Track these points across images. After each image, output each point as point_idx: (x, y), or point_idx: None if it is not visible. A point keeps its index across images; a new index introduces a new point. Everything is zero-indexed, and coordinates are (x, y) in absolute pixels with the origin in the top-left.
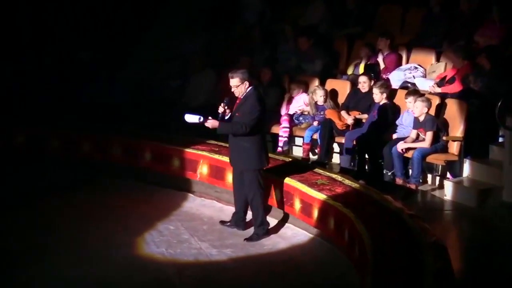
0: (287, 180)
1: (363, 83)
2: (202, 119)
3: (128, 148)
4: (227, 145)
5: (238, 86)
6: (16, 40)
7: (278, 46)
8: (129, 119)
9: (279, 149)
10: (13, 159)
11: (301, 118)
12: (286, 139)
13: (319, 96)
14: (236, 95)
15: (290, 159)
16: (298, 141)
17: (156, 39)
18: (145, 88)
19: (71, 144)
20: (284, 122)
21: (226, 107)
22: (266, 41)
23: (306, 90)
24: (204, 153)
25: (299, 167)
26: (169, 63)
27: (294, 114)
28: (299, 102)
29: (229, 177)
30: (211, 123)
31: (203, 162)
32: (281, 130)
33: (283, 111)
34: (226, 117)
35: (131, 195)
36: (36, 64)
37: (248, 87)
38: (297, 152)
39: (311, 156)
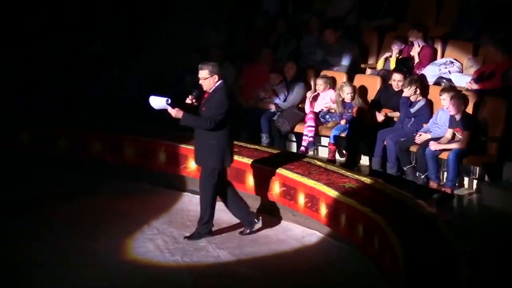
0: (313, 184)
1: (398, 82)
2: (169, 101)
3: (141, 148)
4: (248, 145)
5: (207, 78)
6: (24, 30)
7: (302, 39)
8: (142, 115)
9: (302, 148)
10: (19, 159)
11: (327, 117)
12: (311, 139)
13: (346, 93)
14: (204, 88)
15: (316, 160)
16: (324, 141)
17: (173, 30)
18: (160, 82)
19: (80, 144)
20: (309, 121)
21: (194, 100)
22: (290, 34)
23: (333, 87)
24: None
25: (325, 170)
26: (186, 56)
27: (319, 112)
28: (326, 99)
29: (250, 180)
30: (174, 112)
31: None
32: (306, 129)
33: (308, 108)
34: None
35: (144, 198)
36: (42, 57)
37: (217, 81)
38: (323, 153)
39: (337, 157)
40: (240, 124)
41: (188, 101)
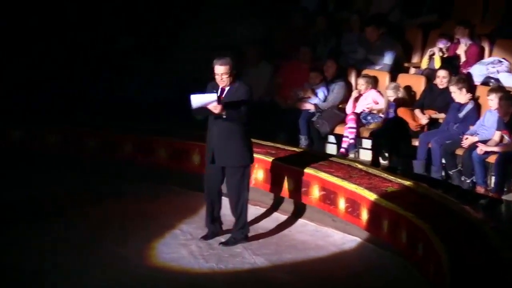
0: (354, 188)
1: (442, 78)
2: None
3: (173, 150)
4: (286, 147)
5: (229, 75)
6: (46, 23)
7: (342, 37)
8: (172, 117)
9: (342, 150)
10: (46, 161)
11: (369, 118)
12: (352, 141)
13: (392, 92)
14: (222, 85)
15: (357, 163)
16: (366, 143)
17: (205, 26)
18: (191, 82)
19: (110, 145)
20: (350, 122)
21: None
22: (330, 31)
23: (374, 86)
24: (260, 156)
25: (366, 173)
26: (220, 54)
27: (361, 113)
28: (367, 100)
29: (288, 183)
30: (219, 107)
31: (258, 166)
32: (347, 131)
33: (349, 109)
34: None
35: (175, 201)
36: (66, 54)
37: (234, 78)
38: (364, 155)
39: (380, 160)
40: (277, 125)
41: (216, 110)
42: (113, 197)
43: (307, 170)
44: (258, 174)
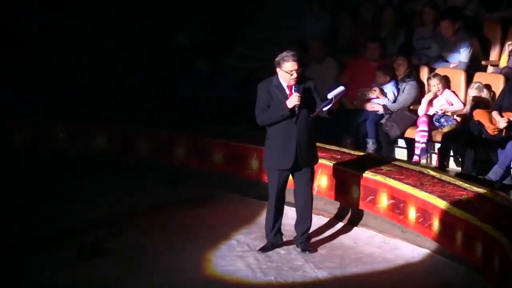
0: (426, 196)
1: None
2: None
3: (230, 154)
4: (352, 152)
5: (300, 70)
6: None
7: (414, 32)
8: (233, 117)
9: (416, 158)
10: (93, 165)
11: (442, 120)
12: (423, 145)
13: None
14: (293, 82)
15: (429, 170)
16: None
17: (269, 20)
18: (253, 79)
19: (163, 148)
20: (422, 125)
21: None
22: (400, 25)
23: (448, 86)
24: (324, 161)
25: (439, 180)
26: (283, 50)
27: (433, 115)
28: (441, 101)
29: (354, 191)
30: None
31: (321, 172)
32: (418, 135)
33: (422, 111)
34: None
35: (230, 209)
36: (121, 49)
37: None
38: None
39: (454, 166)
40: (342, 127)
41: (298, 101)
42: (165, 204)
43: (375, 177)
44: (322, 181)
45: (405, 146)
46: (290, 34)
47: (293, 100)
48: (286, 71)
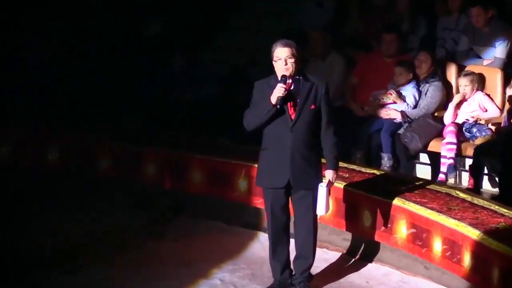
0: (454, 224)
1: None
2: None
3: (212, 172)
4: (363, 169)
5: (295, 61)
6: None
7: (438, 21)
8: (215, 125)
9: (442, 177)
10: (42, 182)
11: (474, 130)
12: (451, 161)
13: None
14: (288, 72)
15: (458, 191)
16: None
17: (260, 5)
18: (240, 77)
19: (129, 163)
20: (449, 136)
21: (285, 90)
22: (420, 14)
23: (481, 87)
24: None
25: (471, 204)
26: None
27: (463, 123)
28: (472, 106)
29: (365, 218)
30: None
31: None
32: (445, 148)
33: (448, 118)
34: (279, 107)
35: (213, 241)
36: (77, 41)
37: (298, 69)
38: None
39: (489, 187)
40: (352, 139)
41: (282, 91)
42: (133, 233)
43: (392, 201)
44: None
45: (428, 162)
46: (286, 22)
47: (276, 92)
48: (275, 59)
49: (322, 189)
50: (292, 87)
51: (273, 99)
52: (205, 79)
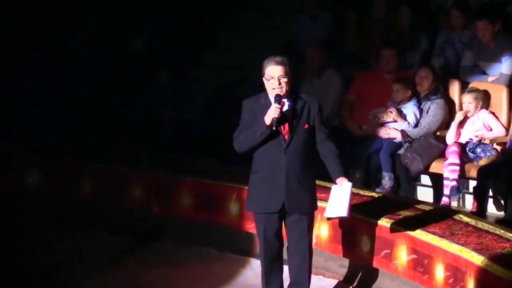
0: (458, 250)
1: None
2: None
3: (201, 195)
4: (361, 191)
5: (287, 77)
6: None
7: (438, 35)
8: (204, 146)
9: (445, 200)
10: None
11: (478, 150)
12: (454, 183)
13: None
14: (280, 91)
15: (462, 215)
16: (474, 186)
17: (251, 19)
18: (229, 96)
19: (113, 186)
20: (452, 156)
21: (280, 111)
22: (421, 28)
23: (486, 105)
24: (324, 204)
25: (475, 229)
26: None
27: (467, 143)
28: (476, 124)
29: (364, 243)
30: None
31: (321, 218)
32: (447, 169)
33: (451, 138)
34: (274, 128)
35: (204, 268)
36: (55, 56)
37: (291, 88)
38: (472, 204)
39: (494, 210)
40: (349, 160)
41: (275, 111)
42: (117, 261)
43: (391, 225)
44: (322, 230)
45: (430, 184)
46: (278, 37)
47: (270, 114)
48: (267, 78)
49: (347, 185)
50: (286, 107)
51: (267, 120)
52: (193, 98)
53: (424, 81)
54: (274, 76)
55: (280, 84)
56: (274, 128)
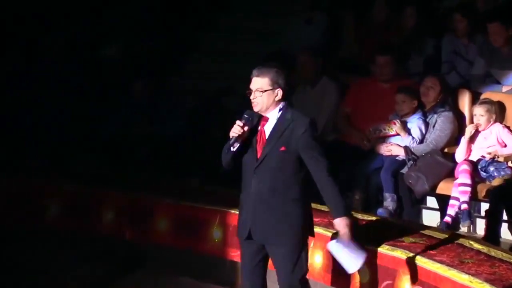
0: (467, 280)
1: None
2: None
3: (180, 219)
4: (359, 215)
5: (265, 92)
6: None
7: (444, 39)
8: (184, 164)
9: (447, 219)
10: None
11: (491, 169)
12: (465, 205)
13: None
14: (256, 108)
15: (472, 242)
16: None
17: (237, 22)
18: (213, 108)
19: (80, 209)
20: (463, 176)
21: (244, 128)
22: (425, 31)
23: (500, 118)
24: (318, 229)
25: (487, 257)
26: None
27: (479, 161)
28: (489, 140)
29: (364, 275)
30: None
31: (314, 245)
32: (457, 190)
33: (461, 155)
34: (234, 148)
35: None
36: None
37: (279, 100)
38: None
39: (509, 236)
40: (346, 179)
41: (235, 130)
42: None
43: (393, 252)
44: (315, 259)
45: (437, 207)
46: (269, 42)
47: (232, 130)
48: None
49: (333, 246)
50: (258, 126)
51: (231, 136)
52: (172, 110)
53: (430, 91)
54: (252, 89)
55: (255, 98)
56: (233, 148)
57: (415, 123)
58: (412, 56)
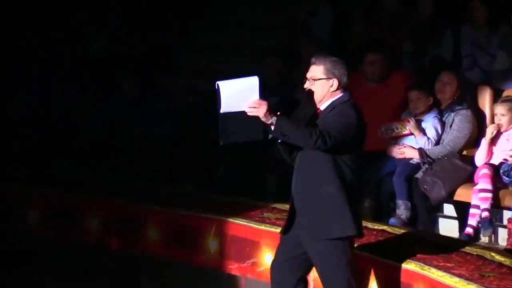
0: None
1: None
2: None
3: (172, 229)
4: (369, 224)
5: (319, 80)
6: None
7: (461, 30)
8: (176, 168)
9: (469, 230)
10: None
11: None
12: (486, 213)
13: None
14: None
15: (494, 253)
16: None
17: (233, 15)
18: (207, 107)
19: (63, 216)
20: (483, 180)
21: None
22: (441, 26)
23: None
24: None
25: (510, 269)
26: (256, 61)
27: (501, 164)
28: None
29: (373, 285)
30: (264, 108)
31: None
32: (477, 196)
33: (481, 158)
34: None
35: None
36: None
37: (338, 92)
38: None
39: None
40: None
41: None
42: None
43: (408, 265)
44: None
45: (454, 215)
46: (268, 36)
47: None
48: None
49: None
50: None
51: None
52: (163, 110)
53: (447, 87)
54: (307, 77)
55: (309, 86)
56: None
57: (430, 122)
58: (428, 50)
